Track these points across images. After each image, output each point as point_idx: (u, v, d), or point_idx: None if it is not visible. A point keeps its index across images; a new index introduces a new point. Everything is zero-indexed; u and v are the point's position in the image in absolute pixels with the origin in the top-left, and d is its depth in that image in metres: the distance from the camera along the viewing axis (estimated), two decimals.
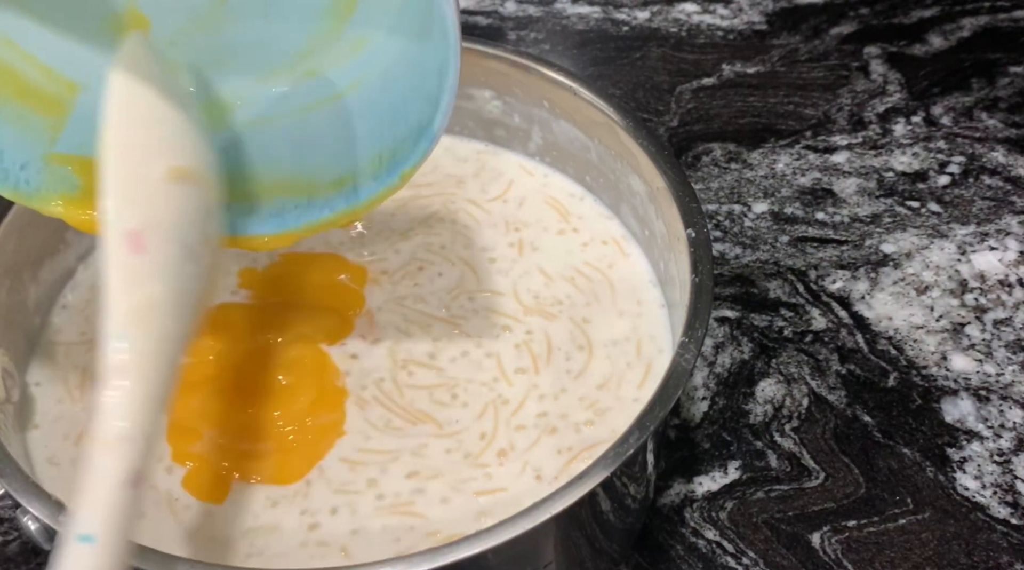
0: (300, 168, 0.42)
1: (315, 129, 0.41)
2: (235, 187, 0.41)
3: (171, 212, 0.34)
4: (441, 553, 0.33)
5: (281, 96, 0.41)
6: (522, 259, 0.50)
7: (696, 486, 0.50)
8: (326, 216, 0.41)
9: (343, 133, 0.41)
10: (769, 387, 0.54)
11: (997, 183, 0.65)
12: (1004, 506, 0.49)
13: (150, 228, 0.33)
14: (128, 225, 0.33)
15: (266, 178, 0.42)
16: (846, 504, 0.50)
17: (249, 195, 0.42)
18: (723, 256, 0.61)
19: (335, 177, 0.41)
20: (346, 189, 0.41)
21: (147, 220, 0.33)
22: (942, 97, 0.72)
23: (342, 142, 0.41)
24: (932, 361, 0.55)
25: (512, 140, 0.55)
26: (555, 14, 0.79)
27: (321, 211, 0.41)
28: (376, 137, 0.40)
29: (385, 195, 0.40)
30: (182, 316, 0.33)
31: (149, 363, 0.32)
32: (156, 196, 0.34)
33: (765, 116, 0.70)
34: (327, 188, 0.41)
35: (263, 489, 0.42)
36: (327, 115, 0.41)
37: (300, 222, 0.42)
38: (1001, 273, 0.60)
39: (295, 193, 0.42)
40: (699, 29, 0.78)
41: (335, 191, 0.41)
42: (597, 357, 0.46)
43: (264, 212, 0.42)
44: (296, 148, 0.42)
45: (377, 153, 0.40)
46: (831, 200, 0.64)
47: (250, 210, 0.42)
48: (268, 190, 0.42)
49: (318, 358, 0.46)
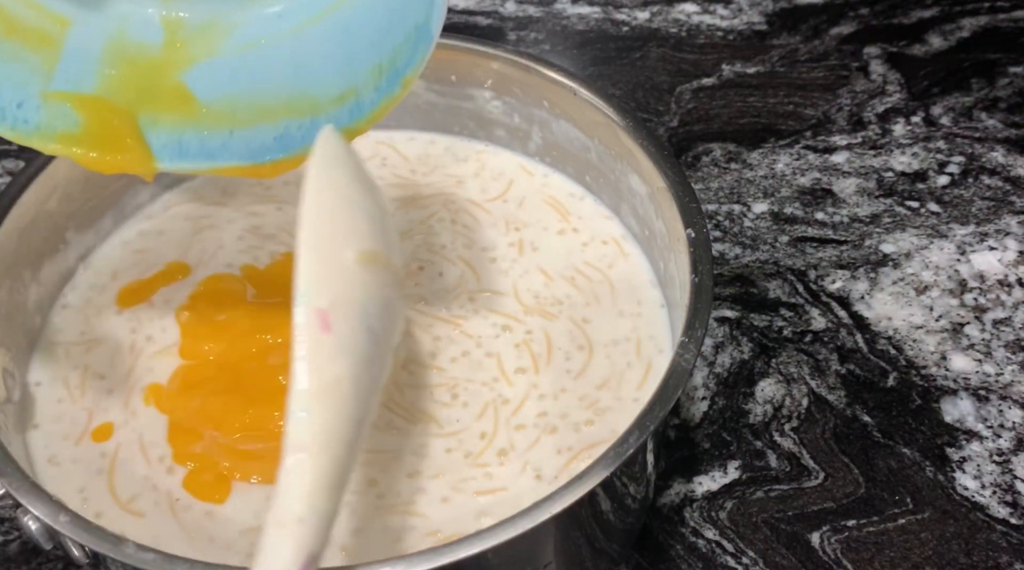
0: (301, 88, 0.41)
1: (312, 47, 0.41)
2: (238, 113, 0.41)
3: (358, 294, 0.35)
4: (441, 553, 0.33)
5: (275, 16, 0.41)
6: (522, 259, 0.50)
7: (696, 486, 0.50)
8: (280, 156, 0.41)
9: (341, 47, 0.41)
10: (769, 387, 0.54)
11: (997, 183, 0.65)
12: (1003, 506, 0.49)
13: (338, 308, 0.34)
14: (318, 304, 0.33)
15: (268, 101, 0.41)
16: (846, 504, 0.50)
17: (252, 120, 0.42)
18: (723, 256, 0.61)
19: (337, 93, 0.41)
20: (349, 104, 0.41)
21: (335, 300, 0.34)
22: (942, 97, 0.72)
23: (341, 56, 0.41)
24: (932, 361, 0.56)
25: (512, 140, 0.55)
26: (555, 14, 0.79)
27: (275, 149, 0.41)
28: (374, 47, 0.40)
29: (388, 105, 0.41)
30: (362, 397, 0.33)
31: (330, 441, 0.32)
32: (345, 278, 0.35)
33: (765, 116, 0.70)
34: (330, 105, 0.41)
35: (264, 489, 0.42)
36: (323, 31, 0.41)
37: (305, 142, 0.41)
38: (1000, 273, 0.60)
39: (298, 114, 0.41)
40: (699, 29, 0.78)
41: (338, 107, 0.41)
42: (597, 357, 0.46)
43: (269, 136, 0.41)
44: (295, 68, 0.41)
45: (377, 63, 0.40)
46: (831, 200, 0.64)
47: (254, 136, 0.41)
48: (271, 113, 0.41)
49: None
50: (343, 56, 0.41)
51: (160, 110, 0.41)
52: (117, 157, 0.40)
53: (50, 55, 0.40)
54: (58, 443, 0.43)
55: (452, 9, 0.79)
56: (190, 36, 0.41)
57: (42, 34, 0.40)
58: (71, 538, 0.35)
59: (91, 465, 0.43)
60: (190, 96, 0.41)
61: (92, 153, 0.40)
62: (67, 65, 0.40)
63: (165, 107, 0.41)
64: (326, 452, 0.31)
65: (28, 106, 0.39)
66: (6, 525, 0.49)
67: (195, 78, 0.41)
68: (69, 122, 0.40)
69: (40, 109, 0.40)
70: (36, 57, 0.40)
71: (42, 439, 0.44)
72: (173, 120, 0.41)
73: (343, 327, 0.33)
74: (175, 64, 0.41)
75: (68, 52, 0.40)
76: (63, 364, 0.46)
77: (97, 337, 0.47)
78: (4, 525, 0.49)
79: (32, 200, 0.46)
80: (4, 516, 0.49)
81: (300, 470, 0.31)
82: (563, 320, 0.48)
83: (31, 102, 0.40)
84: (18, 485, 0.36)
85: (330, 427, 0.32)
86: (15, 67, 0.39)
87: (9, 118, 0.39)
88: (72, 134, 0.40)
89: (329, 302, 0.33)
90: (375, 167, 0.55)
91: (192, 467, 0.42)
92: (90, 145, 0.40)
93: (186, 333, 0.47)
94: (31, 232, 0.47)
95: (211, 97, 0.41)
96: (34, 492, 0.36)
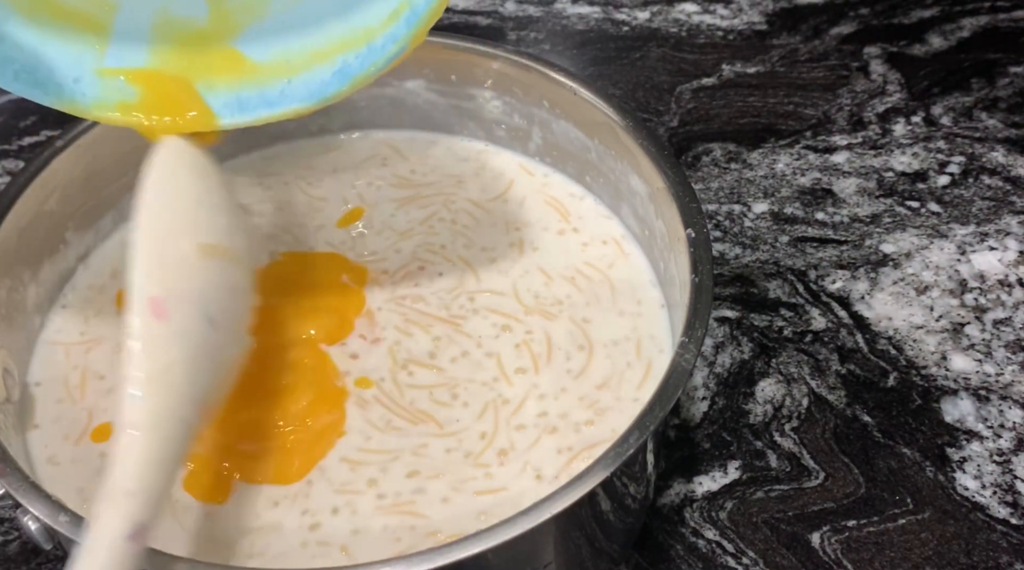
0: (352, 21, 0.41)
1: None
2: (293, 62, 0.42)
3: (195, 284, 0.36)
4: (441, 553, 0.33)
5: None
6: (522, 259, 0.50)
7: (696, 486, 0.50)
8: (391, 50, 0.40)
9: None
10: (769, 387, 0.54)
11: (997, 183, 0.65)
12: (1004, 506, 0.49)
13: (173, 297, 0.35)
14: (152, 292, 0.35)
15: (321, 44, 0.42)
16: (846, 504, 0.50)
17: (308, 64, 0.42)
18: (723, 256, 0.61)
19: (388, 11, 0.40)
20: (404, 15, 0.40)
21: (171, 289, 0.35)
22: (942, 97, 0.72)
23: None
24: (932, 361, 0.55)
25: (512, 140, 0.55)
26: (555, 14, 0.79)
27: (384, 48, 0.41)
28: None
29: None
30: (200, 381, 0.35)
31: (160, 421, 0.33)
32: (181, 268, 0.36)
33: (765, 116, 0.70)
34: (384, 25, 0.41)
35: (264, 489, 0.42)
36: None
37: (365, 66, 0.41)
38: (1001, 273, 0.60)
39: (354, 45, 0.41)
40: (699, 29, 0.78)
41: (393, 23, 0.40)
42: (597, 357, 0.46)
43: (327, 73, 0.41)
44: (343, 4, 0.41)
45: None
46: (831, 200, 0.64)
47: (312, 77, 0.42)
48: (326, 53, 0.41)
49: (318, 358, 0.46)
50: None
51: (215, 75, 0.42)
52: (177, 120, 0.41)
53: (101, 35, 0.41)
54: (58, 443, 0.43)
55: (452, 9, 0.79)
56: (235, 5, 0.42)
57: (90, 17, 0.41)
58: (71, 538, 0.35)
59: (91, 465, 0.43)
60: (244, 59, 0.42)
61: (152, 118, 0.41)
62: (118, 44, 0.41)
63: (219, 72, 0.42)
64: (156, 431, 0.33)
65: (84, 81, 0.41)
66: (6, 525, 0.49)
67: (246, 42, 0.42)
68: (126, 93, 0.41)
69: (96, 83, 0.41)
70: (87, 38, 0.41)
71: (42, 439, 0.44)
72: (229, 82, 0.42)
73: (178, 315, 0.35)
74: (224, 33, 0.42)
75: (117, 32, 0.41)
76: (63, 364, 0.46)
77: (97, 337, 0.47)
78: (4, 525, 0.49)
79: (32, 200, 0.46)
80: (4, 516, 0.49)
81: (131, 447, 0.33)
82: (563, 320, 0.48)
83: (88, 78, 0.41)
84: (18, 485, 0.36)
85: (161, 408, 0.34)
86: (67, 46, 0.40)
87: (67, 92, 0.40)
88: (130, 103, 0.41)
89: (164, 290, 0.35)
90: (375, 167, 0.55)
91: (192, 467, 0.42)
92: (149, 111, 0.41)
93: None
94: (31, 232, 0.47)
95: (264, 56, 0.42)
96: (34, 492, 0.36)
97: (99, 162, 0.49)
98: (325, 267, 0.50)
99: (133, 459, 0.32)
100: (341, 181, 0.54)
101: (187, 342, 0.35)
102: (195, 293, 0.36)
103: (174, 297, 0.35)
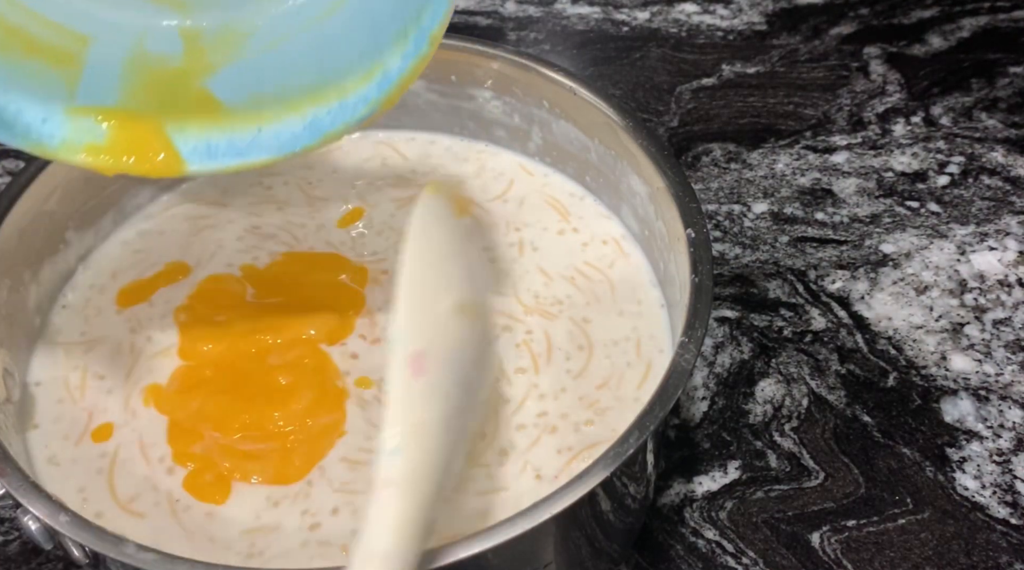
0: (326, 75, 0.41)
1: (335, 31, 0.41)
2: (264, 111, 0.41)
3: (452, 342, 0.36)
4: (441, 553, 0.33)
5: (297, 9, 0.41)
6: (522, 259, 0.50)
7: (696, 486, 0.50)
8: (361, 112, 0.41)
9: (364, 25, 0.41)
10: (769, 387, 0.54)
11: (997, 183, 0.65)
12: (1003, 506, 0.49)
13: (431, 353, 0.35)
14: (413, 348, 0.35)
15: (294, 94, 0.41)
16: (846, 504, 0.50)
17: (279, 115, 0.41)
18: (723, 256, 0.61)
19: (363, 72, 0.41)
20: (376, 78, 0.41)
21: (430, 346, 0.35)
22: (942, 97, 0.72)
23: (364, 34, 0.41)
24: (932, 361, 0.56)
25: (512, 140, 0.55)
26: (555, 14, 0.79)
27: (356, 108, 0.41)
28: (397, 15, 0.40)
29: (419, 68, 0.40)
30: (450, 442, 0.35)
31: (418, 480, 0.33)
32: (439, 326, 0.37)
33: (765, 116, 0.70)
34: (357, 84, 0.41)
35: (264, 489, 0.42)
36: (346, 13, 0.41)
37: (336, 124, 0.41)
38: (1000, 273, 0.60)
39: (325, 100, 0.41)
40: (699, 29, 0.78)
41: (365, 84, 0.41)
42: (597, 357, 0.46)
43: (298, 126, 0.41)
44: (319, 57, 0.41)
45: (402, 30, 0.40)
46: (831, 200, 0.64)
47: (282, 129, 0.41)
48: (298, 105, 0.41)
49: (318, 358, 0.46)
50: (367, 33, 0.40)
51: (186, 117, 0.41)
52: (145, 165, 0.40)
53: (72, 72, 0.40)
54: (58, 443, 0.43)
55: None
56: (210, 44, 0.41)
57: (62, 52, 0.40)
58: (71, 538, 0.35)
59: (91, 465, 0.43)
60: (215, 101, 0.41)
61: (119, 161, 0.40)
62: (89, 81, 0.40)
63: (190, 114, 0.41)
64: (414, 490, 0.32)
65: (53, 121, 0.39)
66: (6, 525, 0.49)
67: (218, 83, 0.41)
68: (95, 134, 0.40)
69: (65, 124, 0.40)
70: (58, 74, 0.40)
71: (42, 439, 0.44)
72: (200, 125, 0.41)
73: (436, 372, 0.35)
74: (198, 72, 0.41)
75: (89, 68, 0.40)
76: (63, 364, 0.46)
77: (97, 337, 0.47)
78: (4, 525, 0.49)
79: (32, 200, 0.46)
80: (4, 516, 0.49)
81: (389, 505, 0.32)
82: (563, 320, 0.48)
83: (56, 118, 0.39)
84: (18, 485, 0.36)
85: (419, 466, 0.33)
86: (38, 85, 0.39)
87: (34, 134, 0.39)
88: (98, 145, 0.40)
89: (424, 347, 0.35)
90: (375, 167, 0.55)
91: (192, 467, 0.42)
92: (117, 154, 0.40)
93: (185, 333, 0.47)
94: (31, 232, 0.47)
95: (236, 100, 0.41)
96: (34, 492, 0.36)
97: None
98: (325, 267, 0.50)
99: (390, 519, 0.32)
100: (341, 181, 0.54)
101: (443, 401, 0.35)
102: (452, 351, 0.36)
103: (432, 354, 0.35)
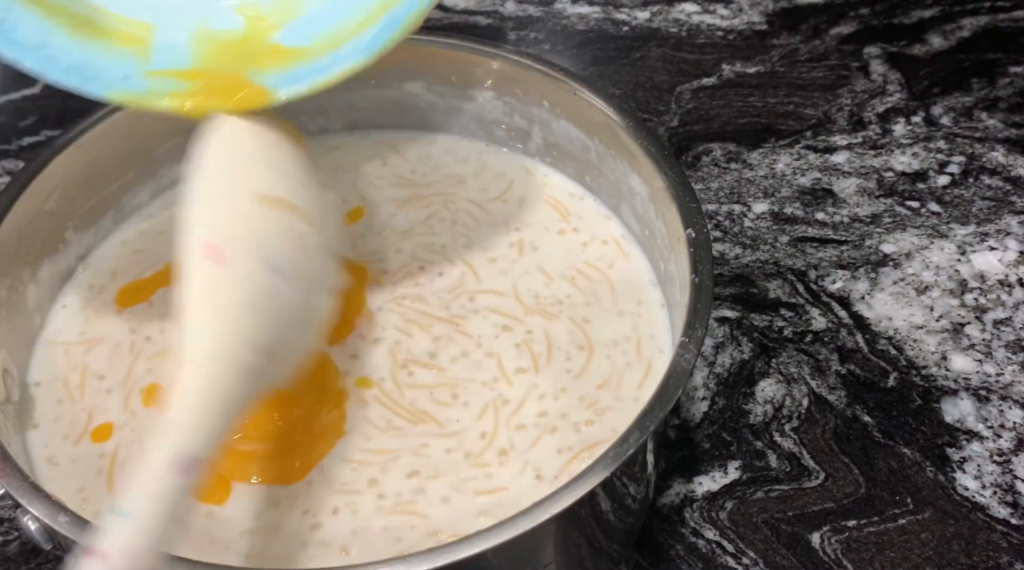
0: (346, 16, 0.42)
1: None
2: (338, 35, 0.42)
3: (253, 230, 0.36)
4: (441, 553, 0.33)
5: None
6: (522, 259, 0.50)
7: (696, 486, 0.50)
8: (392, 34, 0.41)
9: None
10: (769, 387, 0.54)
11: (997, 183, 0.65)
12: (1004, 506, 0.49)
13: (230, 242, 0.35)
14: (207, 237, 0.35)
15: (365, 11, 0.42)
16: (846, 504, 0.50)
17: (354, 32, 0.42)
18: (723, 256, 0.61)
19: None
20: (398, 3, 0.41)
21: (226, 234, 0.36)
22: (942, 97, 0.72)
23: None
24: (932, 361, 0.55)
25: (512, 140, 0.55)
26: (555, 14, 0.79)
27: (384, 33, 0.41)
28: None
29: None
30: (267, 329, 0.35)
31: (216, 360, 0.33)
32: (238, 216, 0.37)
33: (765, 116, 0.70)
34: (378, 11, 0.41)
35: (264, 489, 0.42)
36: None
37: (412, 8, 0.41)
38: (1001, 273, 0.60)
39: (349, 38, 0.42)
40: (699, 29, 0.78)
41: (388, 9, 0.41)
42: (597, 357, 0.46)
43: (376, 29, 0.41)
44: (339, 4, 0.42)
45: None
46: (831, 200, 0.64)
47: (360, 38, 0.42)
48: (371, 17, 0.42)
49: (318, 358, 0.46)
50: None
51: (262, 63, 0.42)
52: (231, 101, 0.41)
53: (142, 48, 0.42)
54: (58, 443, 0.43)
55: (452, 9, 0.80)
56: (269, 12, 0.43)
57: (131, 35, 0.42)
58: (71, 538, 0.35)
59: (91, 465, 0.43)
60: (287, 49, 0.42)
61: (206, 103, 0.41)
62: (160, 53, 0.42)
63: (265, 62, 0.42)
64: (209, 368, 0.33)
65: (133, 79, 0.41)
66: (6, 525, 0.49)
67: (286, 36, 0.43)
68: (175, 86, 0.41)
69: (145, 80, 0.41)
70: (130, 50, 0.41)
71: (42, 439, 0.44)
72: (277, 65, 0.42)
73: (237, 260, 0.35)
74: (263, 34, 0.43)
75: (158, 46, 0.42)
76: (63, 364, 0.46)
77: (97, 337, 0.47)
78: (4, 525, 0.49)
79: (32, 200, 0.46)
80: (4, 516, 0.49)
81: (180, 381, 0.33)
82: (563, 320, 0.48)
83: (135, 77, 0.41)
84: (18, 485, 0.36)
85: (216, 348, 0.33)
86: (113, 56, 0.41)
87: (118, 86, 0.40)
88: (182, 92, 0.41)
89: (219, 236, 0.35)
90: (375, 167, 0.55)
91: None
92: (202, 98, 0.41)
93: None
94: (31, 232, 0.47)
95: (308, 41, 0.42)
96: (34, 492, 0.36)
97: (99, 162, 0.49)
98: None
99: (181, 391, 0.32)
100: (341, 181, 0.54)
101: (248, 287, 0.35)
102: (254, 239, 0.36)
103: (230, 242, 0.35)
